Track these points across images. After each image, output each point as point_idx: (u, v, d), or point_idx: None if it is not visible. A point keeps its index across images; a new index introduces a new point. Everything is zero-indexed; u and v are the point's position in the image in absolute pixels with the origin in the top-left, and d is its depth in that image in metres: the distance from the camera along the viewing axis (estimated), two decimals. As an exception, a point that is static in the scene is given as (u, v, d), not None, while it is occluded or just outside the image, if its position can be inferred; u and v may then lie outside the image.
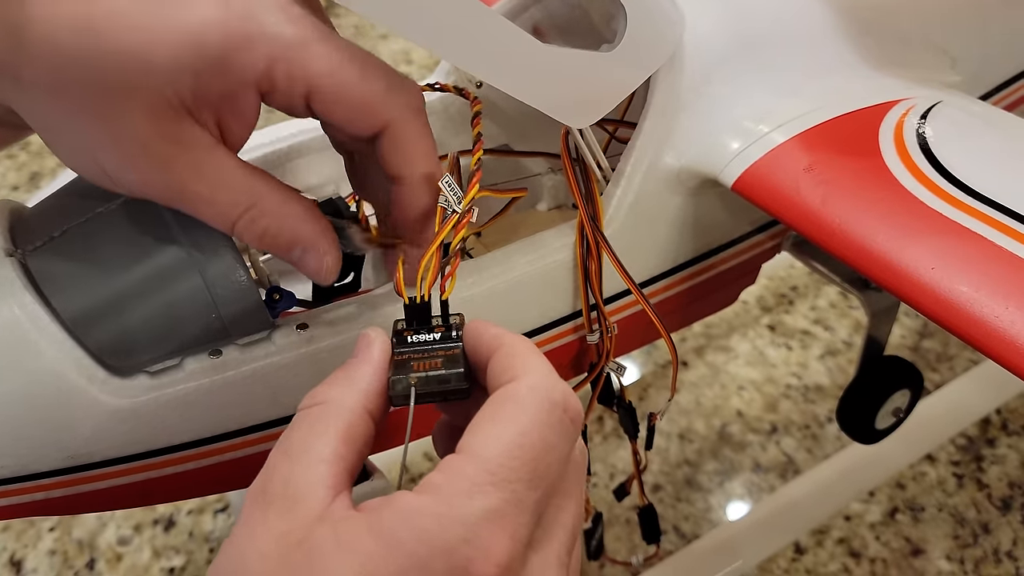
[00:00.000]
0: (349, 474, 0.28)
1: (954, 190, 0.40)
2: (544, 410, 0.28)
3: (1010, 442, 0.80)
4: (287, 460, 0.28)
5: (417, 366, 0.31)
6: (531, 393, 0.28)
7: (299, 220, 0.34)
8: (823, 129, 0.44)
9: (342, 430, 0.28)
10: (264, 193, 0.33)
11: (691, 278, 0.49)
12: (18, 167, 1.10)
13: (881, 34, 0.51)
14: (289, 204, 0.33)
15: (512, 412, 0.27)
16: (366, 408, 0.29)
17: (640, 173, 0.43)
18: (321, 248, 0.34)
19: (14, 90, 0.31)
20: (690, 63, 0.43)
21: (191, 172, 0.31)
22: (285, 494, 0.27)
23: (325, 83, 0.31)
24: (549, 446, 0.27)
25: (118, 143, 0.31)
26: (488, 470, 0.26)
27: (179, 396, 0.36)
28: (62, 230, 0.35)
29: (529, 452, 0.27)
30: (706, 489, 0.77)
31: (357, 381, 0.30)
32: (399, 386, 0.30)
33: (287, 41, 0.31)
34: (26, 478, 0.35)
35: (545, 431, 0.27)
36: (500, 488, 0.26)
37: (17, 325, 0.33)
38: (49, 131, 0.32)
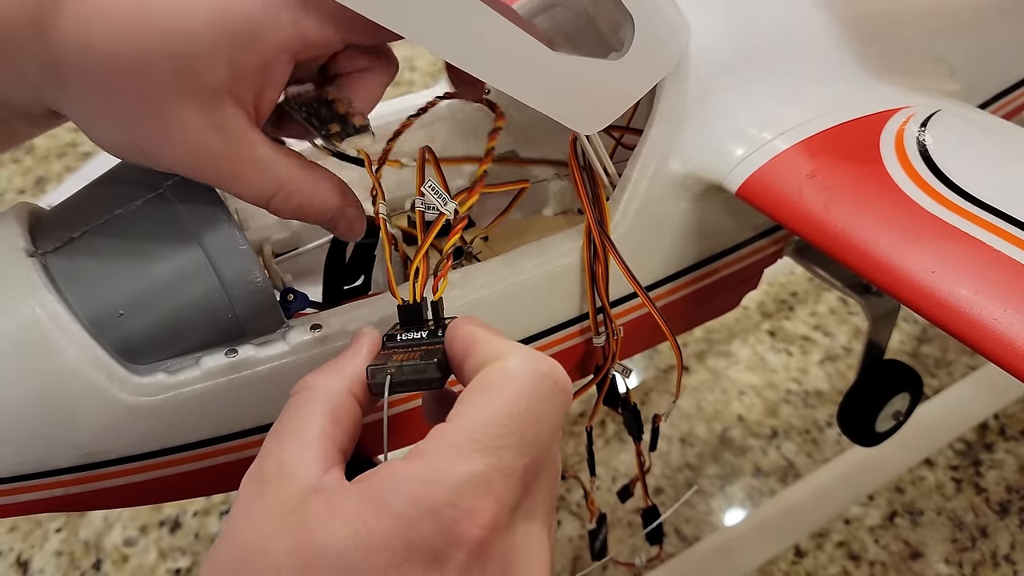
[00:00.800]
0: (339, 452, 0.29)
1: (953, 196, 0.41)
2: (532, 381, 0.29)
3: (1008, 447, 0.80)
4: (278, 442, 0.29)
5: (397, 358, 0.32)
6: (519, 366, 0.29)
7: (327, 192, 0.36)
8: (825, 136, 0.45)
9: (329, 411, 0.30)
10: (295, 172, 0.35)
11: (695, 282, 0.50)
12: (24, 171, 1.11)
13: (882, 44, 0.52)
14: (317, 180, 0.36)
15: (500, 383, 0.29)
16: (351, 391, 0.31)
17: (646, 179, 0.44)
18: (348, 214, 0.37)
19: (61, 94, 0.32)
20: (695, 71, 0.44)
21: (231, 157, 0.33)
22: (280, 473, 0.28)
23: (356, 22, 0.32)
24: (538, 416, 0.28)
25: (163, 133, 0.32)
26: (475, 437, 0.27)
27: (196, 394, 0.36)
28: (81, 231, 0.36)
29: (517, 421, 0.28)
30: (707, 493, 0.77)
31: (342, 368, 0.32)
32: (377, 375, 0.32)
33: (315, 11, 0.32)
34: (45, 474, 0.36)
35: (534, 401, 0.29)
36: (486, 454, 0.27)
37: (38, 324, 0.34)
38: (94, 127, 0.33)
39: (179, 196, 0.36)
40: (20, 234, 0.36)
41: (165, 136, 0.32)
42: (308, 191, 0.35)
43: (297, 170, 0.35)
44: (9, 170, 1.11)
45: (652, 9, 0.40)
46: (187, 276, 0.35)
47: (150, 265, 0.35)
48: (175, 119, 0.32)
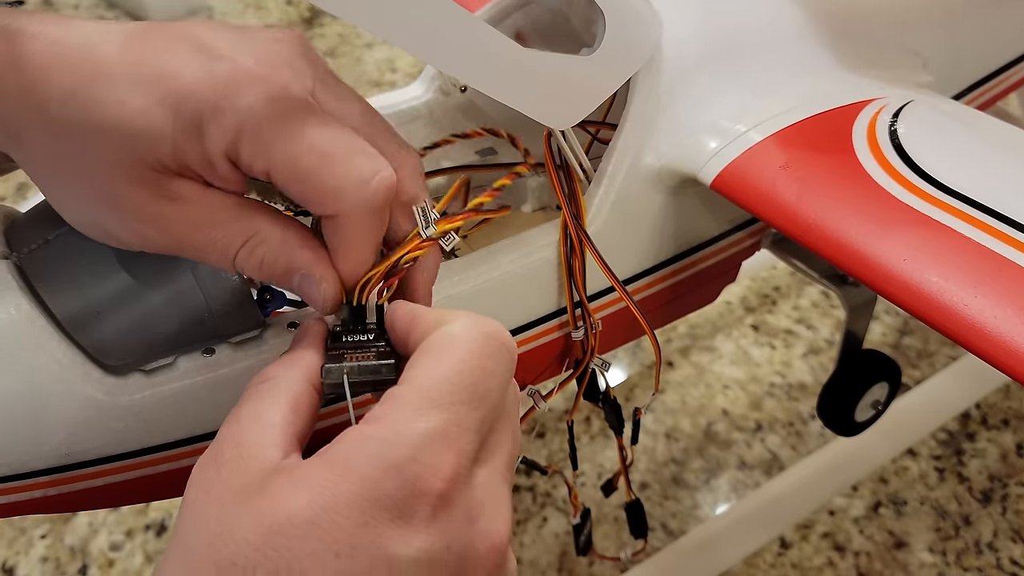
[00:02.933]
0: (298, 439, 0.29)
1: (925, 185, 0.41)
2: (478, 341, 0.29)
3: (990, 436, 0.81)
4: (238, 427, 0.29)
5: (349, 358, 0.32)
6: (464, 329, 0.30)
7: (294, 247, 0.33)
8: (799, 128, 0.45)
9: (290, 400, 0.30)
10: (260, 224, 0.33)
11: (673, 275, 0.50)
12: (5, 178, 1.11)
13: (855, 36, 0.52)
14: (285, 231, 0.33)
15: (449, 345, 0.29)
16: (309, 381, 0.31)
17: (621, 173, 0.44)
18: (317, 274, 0.34)
19: (19, 152, 0.32)
20: (668, 65, 0.44)
21: (184, 225, 0.32)
22: (239, 454, 0.28)
23: (281, 168, 0.31)
24: (488, 372, 0.29)
25: (113, 208, 0.31)
26: (429, 396, 0.28)
27: (173, 394, 0.37)
28: (56, 233, 0.36)
29: (468, 377, 0.29)
30: (692, 487, 0.78)
31: (298, 360, 0.32)
32: (332, 375, 0.32)
33: (256, 119, 0.30)
34: (23, 476, 0.36)
35: (483, 359, 0.29)
36: (442, 410, 0.28)
37: (13, 326, 0.34)
38: (51, 194, 0.33)
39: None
40: (-5, 236, 0.36)
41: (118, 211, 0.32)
42: (272, 243, 0.33)
43: (263, 222, 0.33)
44: (-10, 177, 1.11)
45: (623, 4, 0.40)
46: (163, 276, 0.35)
47: (125, 266, 0.35)
48: (122, 195, 0.31)
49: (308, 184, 0.31)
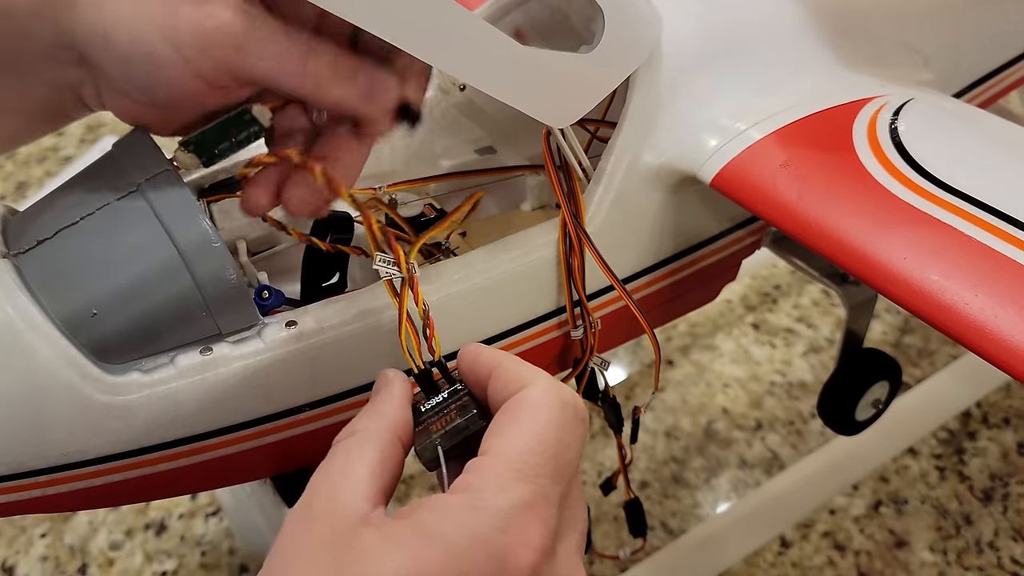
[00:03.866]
0: (384, 493, 0.30)
1: (925, 183, 0.41)
2: (557, 410, 0.30)
3: (991, 435, 0.81)
4: (329, 480, 0.29)
5: (436, 426, 0.33)
6: (544, 396, 0.30)
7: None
8: (799, 126, 0.45)
9: (378, 452, 0.30)
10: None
11: (673, 274, 0.50)
12: (4, 176, 1.11)
13: (855, 34, 0.52)
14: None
15: (530, 413, 0.30)
16: (395, 435, 0.31)
17: (621, 171, 0.44)
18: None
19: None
20: (668, 63, 0.44)
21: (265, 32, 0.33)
22: (329, 508, 0.28)
23: None
24: (566, 444, 0.29)
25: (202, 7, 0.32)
26: (514, 467, 0.28)
27: (171, 393, 0.36)
28: (54, 231, 0.36)
29: (550, 449, 0.29)
30: (693, 486, 0.78)
31: (383, 413, 0.32)
32: (427, 453, 0.32)
33: None
34: (22, 475, 0.36)
35: (561, 431, 0.29)
36: (528, 481, 0.28)
37: (11, 325, 0.34)
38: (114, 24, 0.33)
39: (152, 194, 0.36)
40: (-8, 236, 0.36)
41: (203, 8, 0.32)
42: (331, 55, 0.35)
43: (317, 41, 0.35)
44: (-10, 176, 1.11)
45: (622, 2, 0.40)
46: (160, 274, 0.35)
47: (123, 264, 0.35)
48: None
49: None
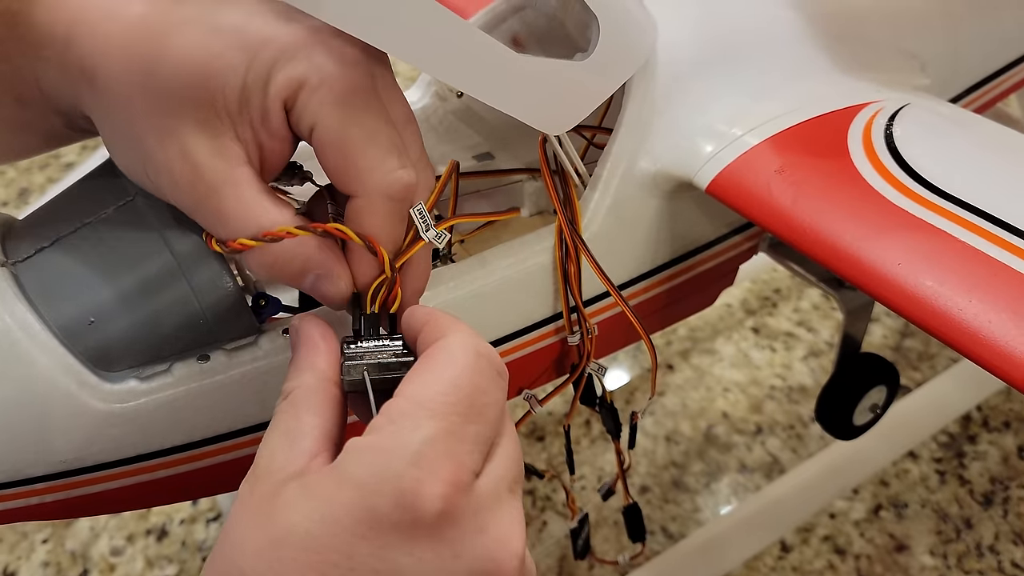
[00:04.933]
0: (327, 439, 0.30)
1: (920, 189, 0.41)
2: (472, 357, 0.30)
3: (991, 438, 0.81)
4: (267, 444, 0.30)
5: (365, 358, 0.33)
6: (459, 345, 0.31)
7: (311, 247, 0.34)
8: (794, 132, 0.45)
9: (310, 406, 0.31)
10: (279, 220, 0.33)
11: (669, 280, 0.50)
12: (7, 183, 1.11)
13: (852, 39, 0.52)
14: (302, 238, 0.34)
15: (444, 359, 0.30)
16: (324, 380, 0.32)
17: (617, 177, 0.44)
18: (335, 273, 0.34)
19: (89, 93, 0.33)
20: (663, 69, 0.44)
21: (212, 186, 0.33)
22: (267, 470, 0.29)
23: (327, 130, 0.32)
24: (480, 389, 0.30)
25: (164, 144, 0.32)
26: (426, 406, 0.29)
27: (169, 400, 0.37)
28: (52, 240, 0.36)
29: (463, 390, 0.29)
30: (693, 490, 0.78)
31: (305, 366, 0.33)
32: (352, 373, 0.33)
33: (322, 75, 0.32)
34: (19, 483, 0.36)
35: (475, 376, 0.30)
36: (438, 419, 0.28)
37: (9, 333, 0.34)
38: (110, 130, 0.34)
39: (149, 203, 0.36)
40: (-10, 244, 0.36)
41: (165, 146, 0.32)
42: (289, 245, 0.33)
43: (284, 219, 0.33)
44: (-8, 182, 1.11)
45: (617, 9, 0.40)
46: (157, 283, 0.35)
47: (120, 273, 0.35)
48: (178, 131, 0.32)
49: (345, 155, 0.33)
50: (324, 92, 0.32)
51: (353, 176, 0.33)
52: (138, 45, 0.32)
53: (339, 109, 0.32)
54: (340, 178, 0.33)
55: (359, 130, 0.32)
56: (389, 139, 0.33)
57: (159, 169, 0.33)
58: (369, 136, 0.33)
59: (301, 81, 0.32)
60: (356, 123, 0.33)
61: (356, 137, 0.32)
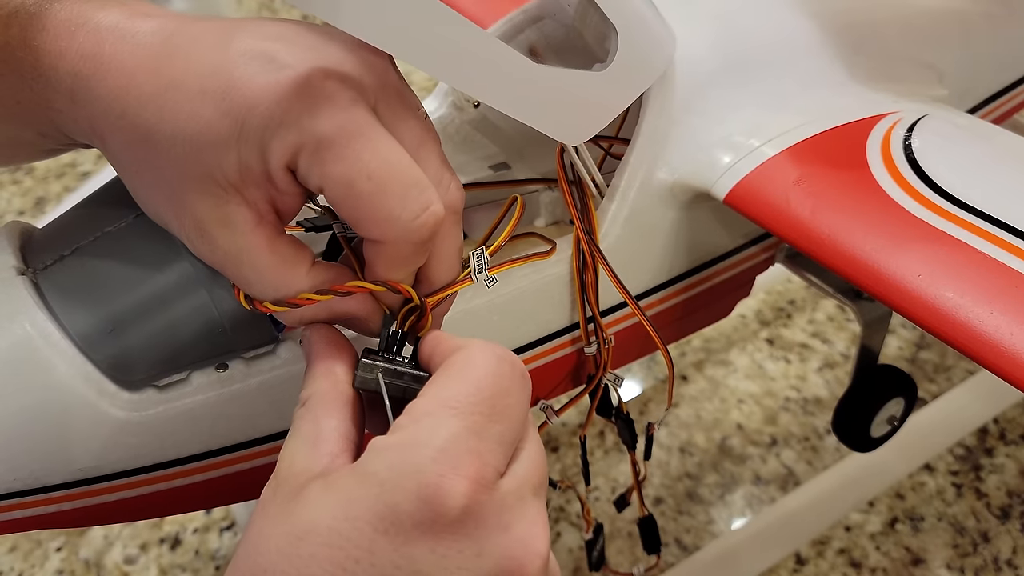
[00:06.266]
0: (346, 440, 0.31)
1: (940, 200, 0.41)
2: (494, 362, 0.30)
3: (1008, 451, 0.80)
4: (288, 449, 0.31)
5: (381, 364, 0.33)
6: (480, 350, 0.31)
7: (337, 301, 0.34)
8: (812, 143, 0.45)
9: (327, 411, 0.31)
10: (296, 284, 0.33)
11: (686, 290, 0.50)
12: (23, 192, 1.12)
13: (869, 50, 0.52)
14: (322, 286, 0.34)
15: (466, 363, 0.30)
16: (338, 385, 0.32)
17: (634, 188, 0.44)
18: (363, 317, 0.35)
19: (103, 149, 0.34)
20: (681, 80, 0.44)
21: (233, 255, 0.33)
22: (288, 474, 0.29)
23: (336, 188, 0.31)
24: (503, 390, 0.30)
25: (177, 214, 0.33)
26: (448, 405, 0.29)
27: (187, 409, 0.37)
28: (72, 249, 0.36)
29: (485, 391, 0.29)
30: (707, 502, 0.77)
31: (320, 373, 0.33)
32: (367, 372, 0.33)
33: (316, 138, 0.30)
34: (37, 491, 0.36)
35: (498, 378, 0.30)
36: (461, 417, 0.28)
37: (29, 342, 0.34)
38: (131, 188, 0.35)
39: (169, 212, 0.36)
40: (11, 252, 0.36)
41: (180, 219, 0.33)
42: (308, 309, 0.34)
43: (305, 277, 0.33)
44: (9, 191, 1.12)
45: (636, 20, 0.40)
46: (177, 291, 0.35)
47: (140, 281, 0.36)
48: (186, 204, 0.32)
49: (359, 209, 0.31)
50: (323, 154, 0.30)
51: (374, 228, 0.32)
52: (135, 114, 0.31)
53: (342, 166, 0.30)
54: (362, 230, 0.32)
55: (369, 185, 0.31)
56: (404, 179, 0.31)
57: (179, 236, 0.34)
58: (381, 187, 0.31)
59: (297, 148, 0.30)
60: (364, 176, 0.30)
61: (367, 192, 0.31)
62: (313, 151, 0.30)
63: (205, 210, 0.32)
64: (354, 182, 0.31)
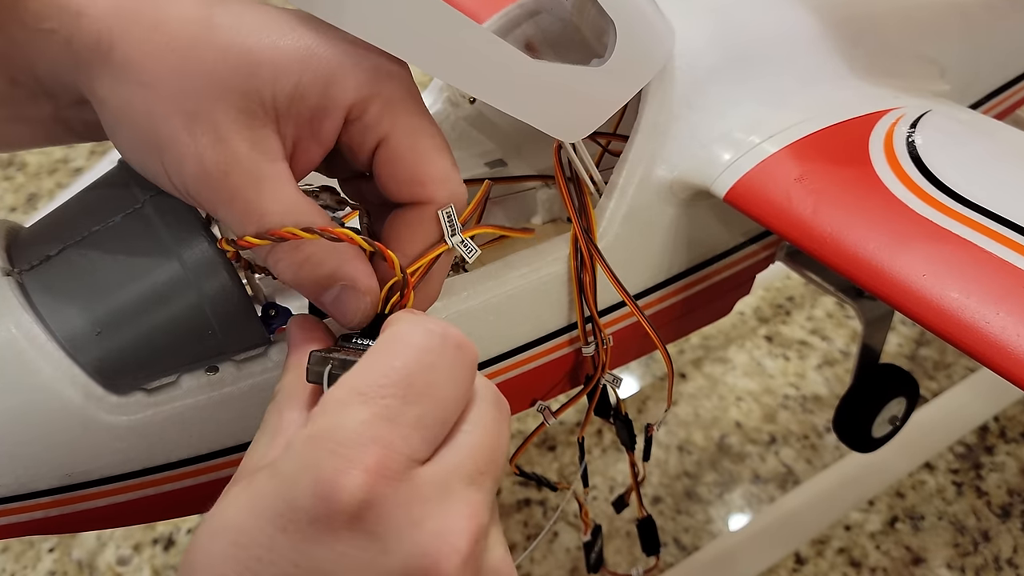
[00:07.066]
0: None
1: (944, 197, 0.40)
2: (419, 336, 0.28)
3: (1008, 449, 0.80)
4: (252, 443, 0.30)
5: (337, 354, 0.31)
6: (406, 325, 0.29)
7: (346, 255, 0.33)
8: (814, 139, 0.44)
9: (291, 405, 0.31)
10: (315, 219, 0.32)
11: (685, 289, 0.49)
12: (15, 188, 1.11)
13: (871, 45, 0.52)
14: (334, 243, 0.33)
15: (387, 342, 0.29)
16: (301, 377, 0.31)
17: (633, 185, 0.43)
18: (363, 287, 0.33)
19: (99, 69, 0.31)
20: (681, 76, 0.43)
21: (250, 178, 0.31)
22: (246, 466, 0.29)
23: (401, 141, 0.33)
24: (426, 366, 0.28)
25: (192, 131, 0.31)
26: (357, 391, 0.27)
27: (177, 413, 0.36)
28: (59, 249, 0.35)
29: (402, 371, 0.27)
30: (706, 501, 0.77)
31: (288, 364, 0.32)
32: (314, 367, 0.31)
33: (394, 86, 0.33)
34: (24, 497, 0.35)
35: (422, 353, 0.28)
36: (370, 404, 0.27)
37: (14, 344, 0.33)
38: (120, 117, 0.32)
39: (158, 212, 0.35)
40: (-3, 253, 0.36)
41: (192, 128, 0.31)
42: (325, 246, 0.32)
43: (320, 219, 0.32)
44: (1, 187, 1.11)
45: (634, 14, 0.39)
46: (166, 293, 0.35)
47: (128, 282, 0.35)
48: (214, 115, 0.31)
49: (418, 166, 0.33)
50: (396, 105, 0.33)
51: (424, 186, 0.33)
52: (176, 23, 0.31)
53: (412, 121, 0.33)
54: (408, 189, 0.34)
55: (430, 141, 0.33)
56: (449, 150, 0.34)
57: (183, 157, 0.31)
58: (438, 148, 0.34)
59: (372, 94, 0.32)
60: (426, 135, 0.33)
61: (429, 148, 0.33)
62: (388, 100, 0.33)
63: (236, 127, 0.31)
64: (420, 139, 0.33)
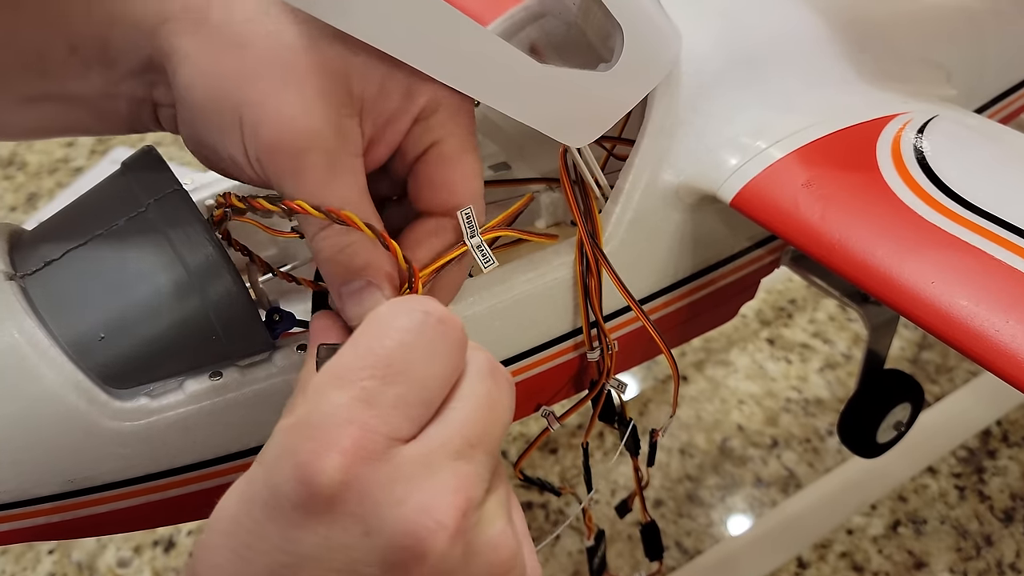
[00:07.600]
0: None
1: (952, 203, 0.40)
2: (400, 317, 0.28)
3: (1011, 453, 0.80)
4: None
5: None
6: (388, 307, 0.29)
7: (383, 255, 0.34)
8: (821, 144, 0.44)
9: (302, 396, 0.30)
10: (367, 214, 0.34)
11: (691, 294, 0.49)
12: (15, 188, 1.10)
13: (877, 49, 0.51)
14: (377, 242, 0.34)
15: (368, 325, 0.29)
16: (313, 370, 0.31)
17: (639, 190, 0.43)
18: (384, 285, 0.34)
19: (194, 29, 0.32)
20: (687, 80, 0.43)
21: (328, 159, 0.32)
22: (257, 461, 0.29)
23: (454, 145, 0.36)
24: (406, 345, 0.27)
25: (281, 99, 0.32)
26: (336, 375, 0.27)
27: (180, 418, 0.36)
28: (62, 252, 0.35)
29: (379, 352, 0.27)
30: (708, 504, 0.77)
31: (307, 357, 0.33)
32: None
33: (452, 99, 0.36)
34: (26, 503, 0.35)
35: (402, 333, 0.28)
36: (347, 387, 0.26)
37: (17, 349, 0.33)
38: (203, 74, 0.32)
39: (161, 216, 0.35)
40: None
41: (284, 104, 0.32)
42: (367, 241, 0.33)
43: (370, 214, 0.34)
44: (1, 187, 1.11)
45: (641, 18, 0.39)
46: (169, 298, 0.34)
47: (132, 287, 0.35)
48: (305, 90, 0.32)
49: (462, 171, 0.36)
50: (457, 113, 0.36)
51: (460, 192, 0.36)
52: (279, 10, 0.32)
53: (464, 130, 0.36)
54: (444, 194, 0.36)
55: (473, 153, 0.37)
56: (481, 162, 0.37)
57: (264, 120, 0.32)
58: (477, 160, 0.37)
59: (440, 101, 0.35)
60: (472, 146, 0.37)
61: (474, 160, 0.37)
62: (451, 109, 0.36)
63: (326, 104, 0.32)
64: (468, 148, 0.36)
